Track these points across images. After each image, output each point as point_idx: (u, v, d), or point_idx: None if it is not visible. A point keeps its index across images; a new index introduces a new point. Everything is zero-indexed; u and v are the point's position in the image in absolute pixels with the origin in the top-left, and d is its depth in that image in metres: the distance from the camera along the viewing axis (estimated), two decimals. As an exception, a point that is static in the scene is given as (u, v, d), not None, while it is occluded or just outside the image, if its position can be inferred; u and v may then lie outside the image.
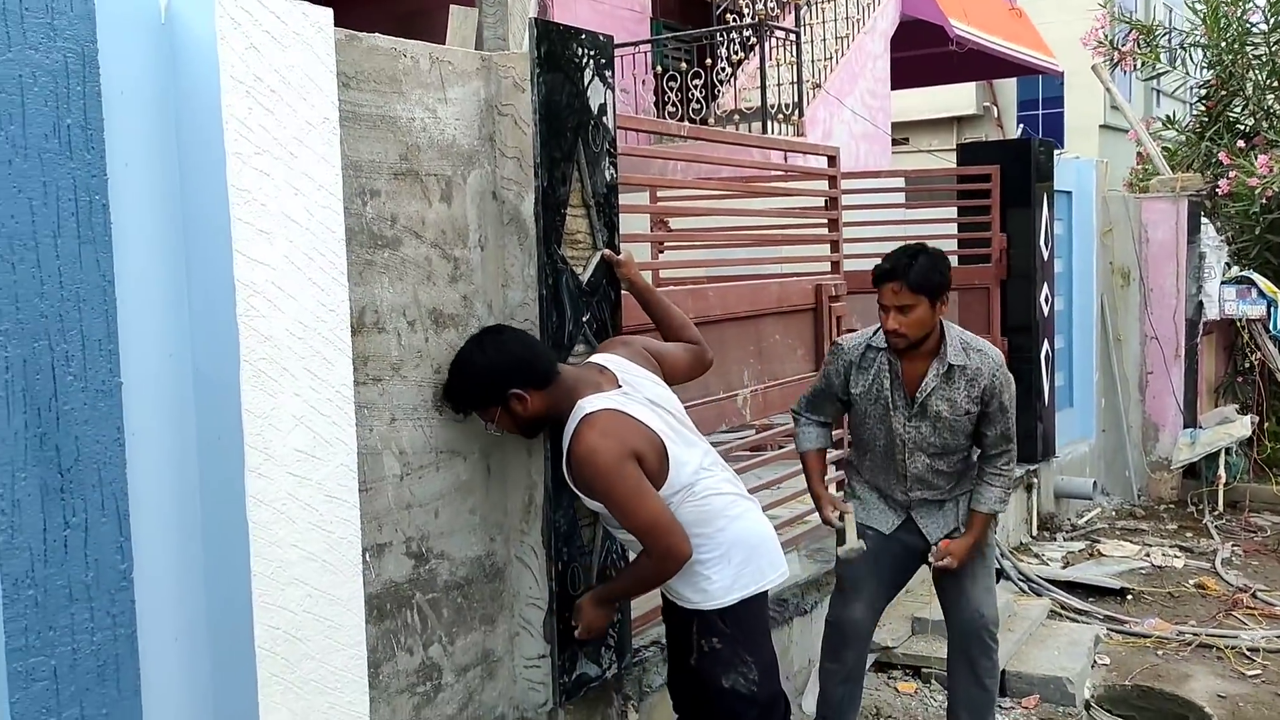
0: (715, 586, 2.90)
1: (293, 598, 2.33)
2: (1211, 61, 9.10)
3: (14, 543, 1.97)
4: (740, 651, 2.93)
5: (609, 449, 2.72)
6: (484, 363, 2.81)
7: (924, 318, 3.38)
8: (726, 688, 2.94)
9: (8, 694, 1.98)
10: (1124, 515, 7.69)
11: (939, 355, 3.46)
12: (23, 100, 1.96)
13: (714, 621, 2.92)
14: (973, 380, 3.45)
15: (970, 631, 3.60)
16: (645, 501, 2.74)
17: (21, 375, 1.97)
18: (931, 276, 3.37)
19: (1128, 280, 8.14)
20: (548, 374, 2.83)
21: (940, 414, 3.46)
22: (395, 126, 2.77)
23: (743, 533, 2.93)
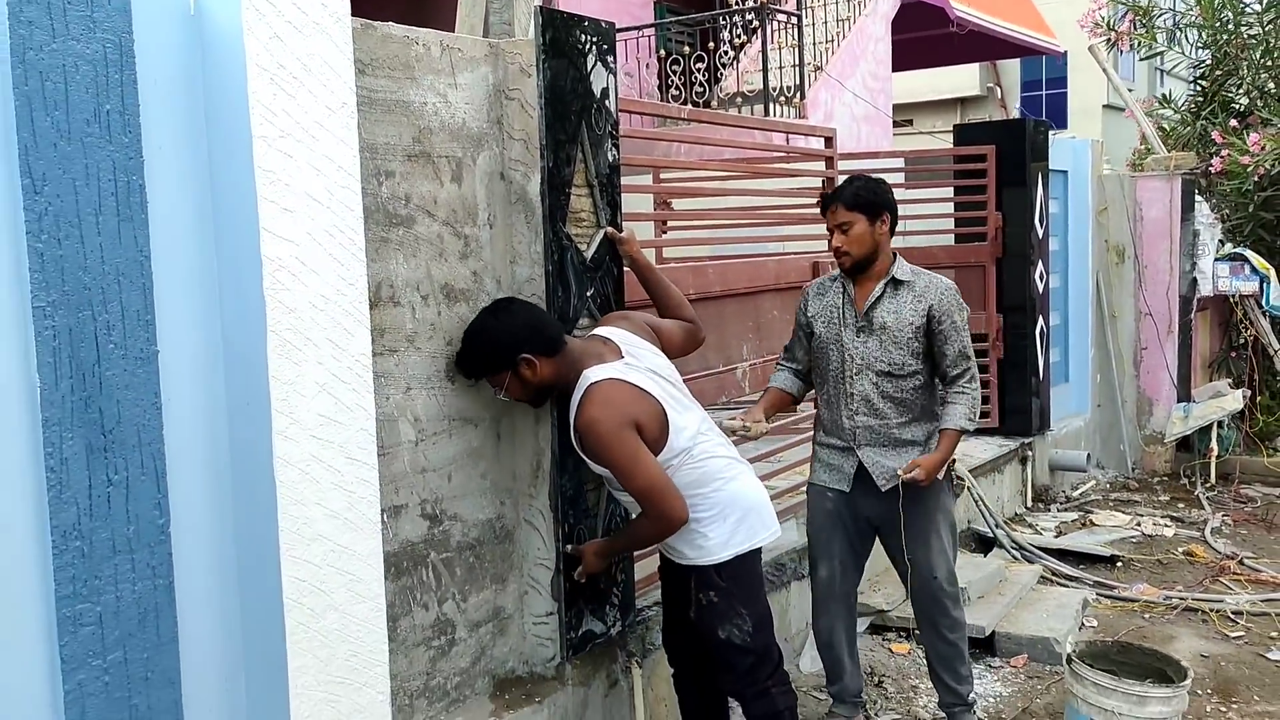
0: (711, 543, 3.07)
1: (317, 553, 2.49)
2: (1207, 41, 9.21)
3: (62, 498, 2.13)
4: (735, 605, 3.10)
5: (610, 418, 2.88)
6: (496, 329, 2.98)
7: (863, 234, 3.58)
8: (723, 639, 3.11)
9: (58, 637, 2.15)
10: (1118, 487, 7.85)
11: (887, 273, 3.65)
12: (66, 88, 2.11)
13: (711, 576, 3.09)
14: (920, 296, 3.61)
15: (926, 593, 3.74)
16: (643, 467, 2.90)
17: (67, 343, 2.13)
18: (864, 194, 3.59)
19: (1122, 258, 8.27)
20: (555, 343, 2.99)
21: (886, 325, 3.61)
22: (408, 110, 2.92)
23: (737, 493, 3.11)
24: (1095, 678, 3.48)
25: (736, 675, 3.18)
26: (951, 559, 3.75)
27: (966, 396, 3.62)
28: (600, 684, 3.49)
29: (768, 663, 3.17)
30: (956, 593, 3.79)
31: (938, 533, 3.70)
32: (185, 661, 2.36)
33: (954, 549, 3.78)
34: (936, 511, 3.71)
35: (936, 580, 3.71)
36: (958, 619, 3.79)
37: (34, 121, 2.07)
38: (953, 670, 3.80)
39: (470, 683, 3.16)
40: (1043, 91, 26.81)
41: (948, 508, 3.76)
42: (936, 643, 3.80)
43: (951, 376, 3.64)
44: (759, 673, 3.16)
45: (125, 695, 2.25)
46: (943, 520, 3.72)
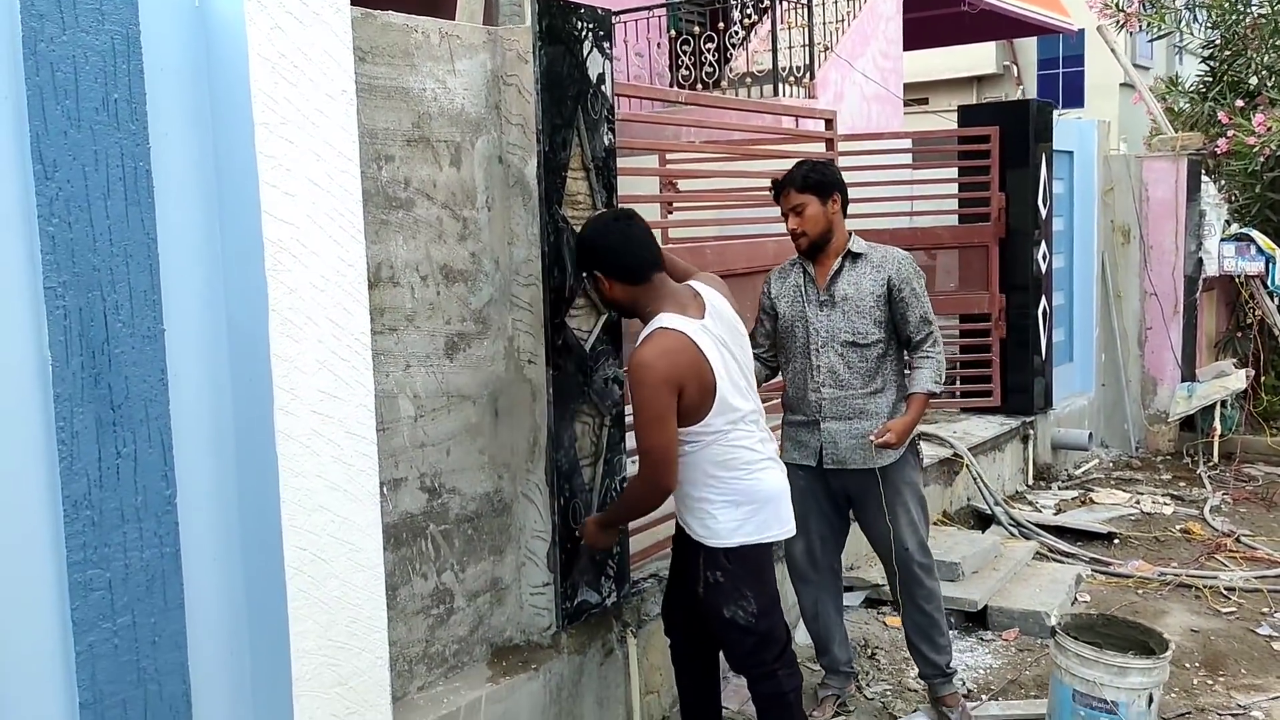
0: (720, 526, 3.13)
1: (318, 523, 2.60)
2: (1216, 21, 9.19)
3: (73, 469, 2.25)
4: (741, 587, 3.16)
5: (660, 369, 2.92)
6: (582, 236, 3.14)
7: (816, 215, 3.70)
8: (727, 618, 3.19)
9: (70, 601, 2.27)
10: (1121, 466, 7.91)
11: (844, 249, 3.76)
12: (76, 78, 2.21)
13: (718, 558, 3.16)
14: (878, 267, 3.73)
15: (900, 565, 3.82)
16: (658, 429, 2.95)
17: (78, 322, 2.23)
18: (813, 176, 3.70)
19: (1128, 238, 8.30)
20: (633, 273, 3.05)
21: (848, 296, 3.72)
22: (408, 97, 3.01)
23: (755, 486, 3.13)
24: (1078, 649, 3.57)
25: (741, 655, 3.27)
26: (922, 530, 3.85)
27: (931, 360, 3.73)
28: (596, 653, 3.60)
29: (773, 645, 3.22)
30: (930, 563, 3.87)
31: (905, 505, 3.79)
32: (191, 625, 2.48)
33: (924, 520, 3.87)
34: (903, 484, 3.80)
35: (908, 551, 3.80)
36: (932, 589, 3.87)
37: (45, 110, 2.17)
38: (930, 640, 3.88)
39: (468, 650, 3.27)
40: (1059, 70, 26.64)
41: (914, 480, 3.86)
42: (912, 613, 3.89)
43: (916, 341, 3.75)
44: (764, 654, 3.23)
45: (134, 657, 2.36)
46: (909, 492, 3.81)
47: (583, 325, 3.39)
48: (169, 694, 2.43)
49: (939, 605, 3.90)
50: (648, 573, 3.96)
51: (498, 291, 3.30)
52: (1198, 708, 4.10)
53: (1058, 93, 26.25)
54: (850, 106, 11.14)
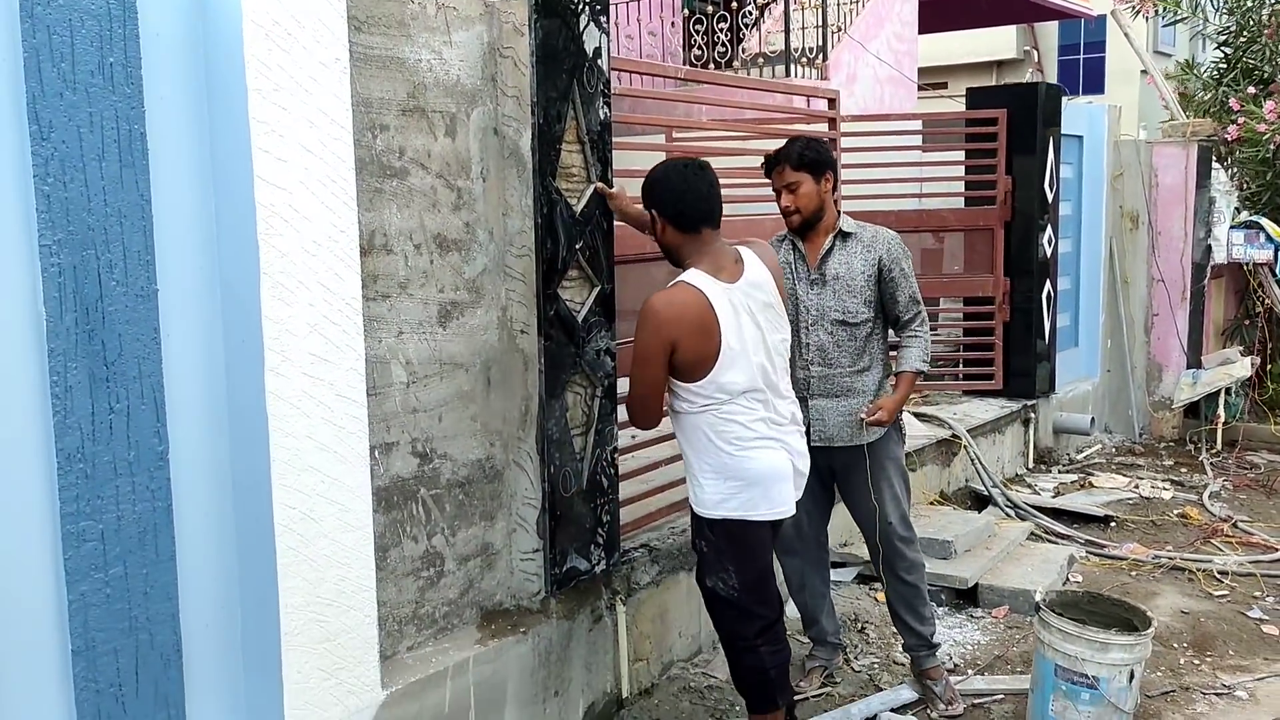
0: (705, 496, 3.17)
1: (308, 483, 2.67)
2: (1232, 7, 9.14)
3: (66, 423, 2.31)
4: (724, 560, 3.19)
5: (659, 323, 2.99)
6: (651, 174, 3.19)
7: (810, 193, 3.73)
8: (709, 587, 3.25)
9: (62, 552, 2.33)
10: (1123, 452, 7.92)
11: (835, 228, 3.80)
12: (72, 41, 2.26)
13: (704, 527, 3.21)
14: (869, 247, 3.77)
15: (881, 537, 3.87)
16: (646, 376, 3.06)
17: (72, 279, 2.30)
18: (808, 154, 3.72)
19: (1136, 224, 8.29)
20: (684, 220, 3.12)
21: (839, 275, 3.76)
22: (403, 67, 3.05)
23: (744, 464, 3.12)
24: (1061, 624, 3.60)
25: (721, 625, 3.31)
26: (904, 504, 3.90)
27: (919, 339, 3.80)
28: (585, 619, 3.66)
29: (755, 620, 3.23)
30: (911, 535, 3.92)
31: (889, 480, 3.85)
32: (182, 577, 2.55)
33: (907, 494, 3.93)
34: (886, 459, 3.85)
35: (891, 525, 3.84)
36: (914, 560, 3.92)
37: (41, 72, 2.23)
38: (913, 611, 3.93)
39: (458, 612, 3.34)
40: (1080, 55, 26.48)
41: (897, 455, 3.91)
42: (896, 584, 3.93)
43: (904, 321, 3.81)
44: (745, 628, 3.24)
45: (125, 606, 2.44)
46: (893, 468, 3.87)
47: (575, 297, 3.44)
48: (160, 643, 2.50)
49: (922, 576, 3.94)
50: (639, 542, 4.02)
51: (491, 262, 3.34)
52: (1182, 686, 4.14)
53: (1078, 78, 26.10)
54: (863, 88, 11.12)
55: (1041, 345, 7.06)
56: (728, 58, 10.84)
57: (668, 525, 4.26)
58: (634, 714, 3.83)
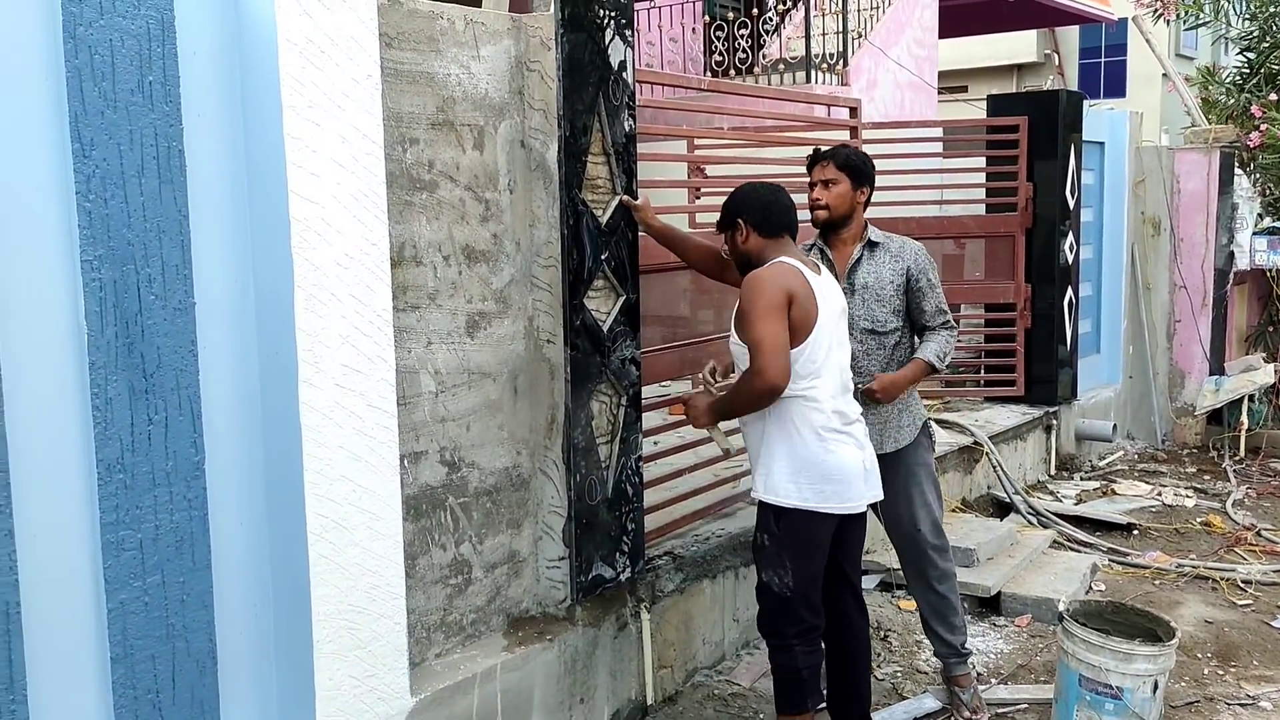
0: (777, 484, 3.22)
1: (340, 492, 2.71)
2: (1254, 12, 9.11)
3: (107, 434, 2.36)
4: (783, 555, 3.24)
5: (773, 280, 3.11)
6: (743, 192, 3.31)
7: (843, 194, 3.76)
8: (764, 580, 3.30)
9: (102, 561, 2.38)
10: (1145, 458, 7.90)
11: (863, 237, 3.83)
12: (113, 61, 2.32)
13: (770, 518, 3.25)
14: (897, 257, 3.80)
15: (911, 546, 3.89)
16: (771, 322, 3.08)
17: (112, 293, 2.35)
18: (854, 160, 3.78)
19: (1158, 230, 8.27)
20: (770, 226, 3.26)
21: (867, 284, 3.78)
22: (433, 82, 3.10)
23: (823, 455, 3.19)
24: (1085, 634, 3.61)
25: (765, 617, 3.35)
26: (936, 511, 3.90)
27: (941, 336, 3.80)
28: (610, 626, 3.69)
29: (796, 620, 3.28)
30: (943, 544, 3.92)
31: (919, 487, 3.85)
32: (218, 585, 2.59)
33: (938, 502, 3.92)
34: (916, 466, 3.85)
35: (921, 533, 3.86)
36: (946, 569, 3.92)
37: (83, 91, 2.28)
38: (944, 620, 3.94)
39: (485, 620, 3.38)
40: (1102, 59, 26.37)
41: (927, 461, 3.91)
42: (927, 594, 3.95)
43: (932, 327, 3.82)
44: (785, 626, 3.30)
45: (163, 614, 2.48)
46: (923, 474, 3.87)
47: (601, 307, 3.47)
48: (196, 650, 2.55)
49: (953, 586, 3.95)
50: (662, 550, 4.05)
51: (519, 272, 3.38)
52: (1206, 697, 4.14)
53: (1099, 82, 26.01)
54: (884, 94, 11.14)
55: (1063, 351, 7.06)
56: (749, 64, 10.87)
57: (692, 533, 4.28)
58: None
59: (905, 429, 3.84)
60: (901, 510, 3.85)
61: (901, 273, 3.79)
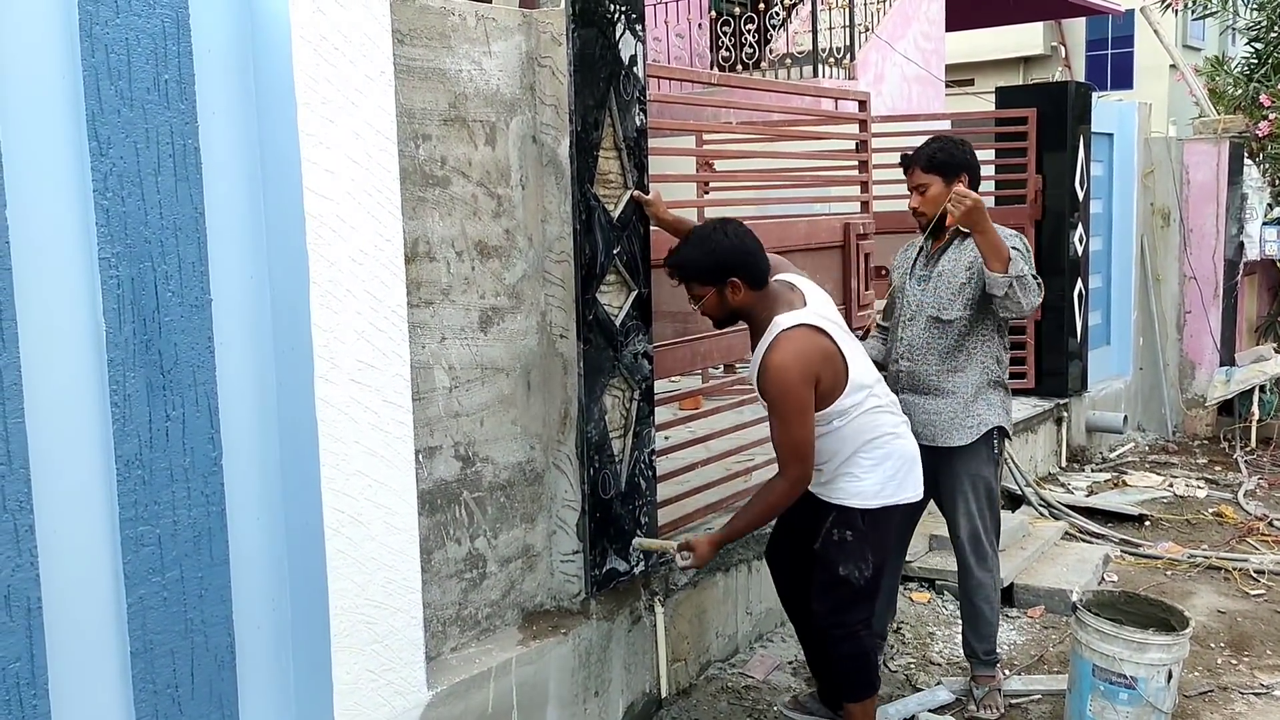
0: (864, 486, 3.27)
1: (355, 487, 2.73)
2: (1261, 2, 9.08)
3: (125, 430, 2.38)
4: (865, 549, 3.31)
5: (797, 370, 3.08)
6: (726, 245, 3.19)
7: (938, 195, 3.71)
8: (842, 575, 3.32)
9: (121, 556, 2.40)
10: (1156, 450, 7.89)
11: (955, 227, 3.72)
12: (129, 60, 2.33)
13: (854, 518, 3.29)
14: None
15: (954, 548, 3.93)
16: (799, 425, 3.11)
17: (130, 291, 2.36)
18: (940, 156, 3.73)
19: (1168, 221, 8.26)
20: (762, 277, 3.22)
21: (943, 271, 3.73)
22: (445, 78, 3.10)
23: (900, 449, 3.31)
24: (1098, 624, 3.62)
25: (833, 609, 3.37)
26: (979, 523, 3.83)
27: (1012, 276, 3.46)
28: (624, 619, 3.71)
29: (865, 608, 3.37)
30: (983, 554, 3.86)
31: (964, 493, 3.81)
32: (236, 581, 2.61)
33: (986, 514, 3.84)
34: (965, 473, 3.80)
35: (959, 540, 3.86)
36: (981, 580, 3.88)
37: (100, 90, 2.29)
38: (974, 628, 3.93)
39: (500, 614, 3.39)
40: (1108, 50, 26.29)
41: (980, 471, 3.81)
42: (961, 597, 3.97)
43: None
44: (855, 614, 3.36)
45: (182, 609, 2.50)
46: (971, 483, 3.80)
47: (613, 301, 3.48)
48: (214, 645, 2.56)
49: (987, 597, 3.90)
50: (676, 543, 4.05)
51: (531, 267, 3.39)
52: (1220, 686, 4.14)
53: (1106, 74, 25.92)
54: (891, 88, 11.12)
55: (1073, 344, 7.05)
56: (755, 59, 10.86)
57: (704, 526, 4.29)
58: (672, 714, 3.86)
59: (961, 429, 3.75)
60: (946, 513, 3.89)
61: (980, 260, 3.57)
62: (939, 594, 4.85)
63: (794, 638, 4.26)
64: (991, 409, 3.78)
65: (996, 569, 3.94)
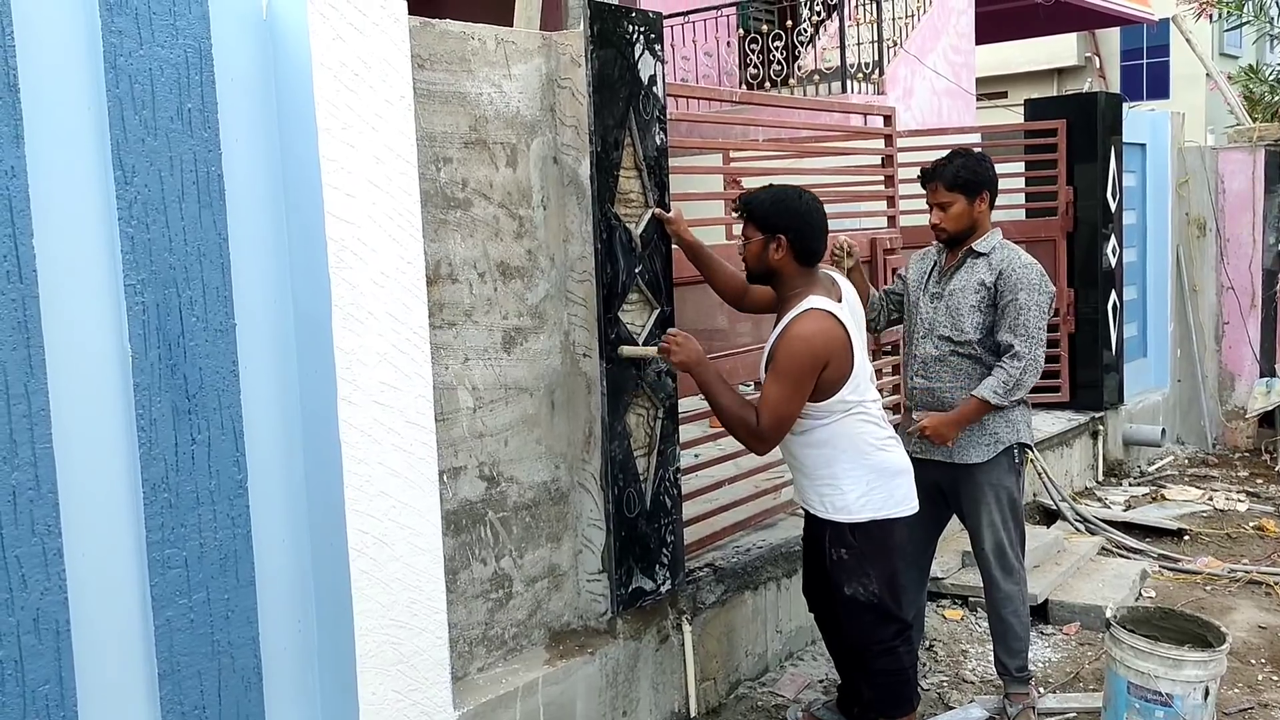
0: (847, 500, 3.27)
1: (379, 508, 2.74)
2: (1296, 9, 9.00)
3: (151, 454, 2.41)
4: (864, 565, 3.29)
5: (815, 346, 3.12)
6: (792, 206, 3.23)
7: (961, 213, 3.71)
8: (848, 595, 3.32)
9: (149, 578, 2.43)
10: (1196, 463, 7.78)
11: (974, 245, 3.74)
12: (153, 89, 2.37)
13: (844, 534, 3.29)
14: (995, 268, 3.68)
15: (978, 562, 3.90)
16: (788, 400, 3.13)
17: (155, 316, 2.40)
18: (963, 174, 3.71)
19: (1203, 231, 8.16)
20: (810, 254, 3.25)
21: (954, 291, 3.73)
22: (465, 101, 3.14)
23: (884, 462, 3.29)
24: (1133, 641, 3.56)
25: (859, 629, 3.37)
26: (1004, 534, 3.79)
27: (1003, 371, 3.64)
28: (651, 639, 3.70)
29: (890, 622, 3.35)
30: (1009, 567, 3.81)
31: (987, 506, 3.77)
32: (262, 602, 2.63)
33: (1010, 525, 3.80)
34: (988, 485, 3.76)
35: (984, 552, 3.81)
36: (1008, 593, 3.83)
37: (124, 119, 2.34)
38: (1003, 643, 3.88)
39: (527, 634, 3.39)
40: (1144, 60, 26.07)
41: (1003, 483, 3.77)
42: (989, 612, 3.92)
43: (1001, 351, 3.68)
44: (881, 632, 3.34)
45: (208, 631, 2.52)
46: (994, 495, 3.76)
47: (636, 320, 3.49)
48: (241, 666, 2.59)
49: (1015, 611, 3.85)
50: (703, 562, 4.05)
51: (554, 287, 3.41)
52: (1261, 704, 4.06)
53: (1142, 84, 25.70)
54: (920, 102, 11.09)
55: (1108, 356, 6.98)
56: (784, 76, 10.87)
57: (733, 544, 4.28)
58: (702, 733, 3.85)
59: (977, 446, 3.73)
60: (970, 526, 3.85)
61: (989, 283, 3.67)
62: (972, 611, 4.80)
63: (825, 656, 4.24)
64: (1010, 426, 3.74)
65: (1024, 582, 3.88)
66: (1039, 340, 3.68)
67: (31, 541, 2.21)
